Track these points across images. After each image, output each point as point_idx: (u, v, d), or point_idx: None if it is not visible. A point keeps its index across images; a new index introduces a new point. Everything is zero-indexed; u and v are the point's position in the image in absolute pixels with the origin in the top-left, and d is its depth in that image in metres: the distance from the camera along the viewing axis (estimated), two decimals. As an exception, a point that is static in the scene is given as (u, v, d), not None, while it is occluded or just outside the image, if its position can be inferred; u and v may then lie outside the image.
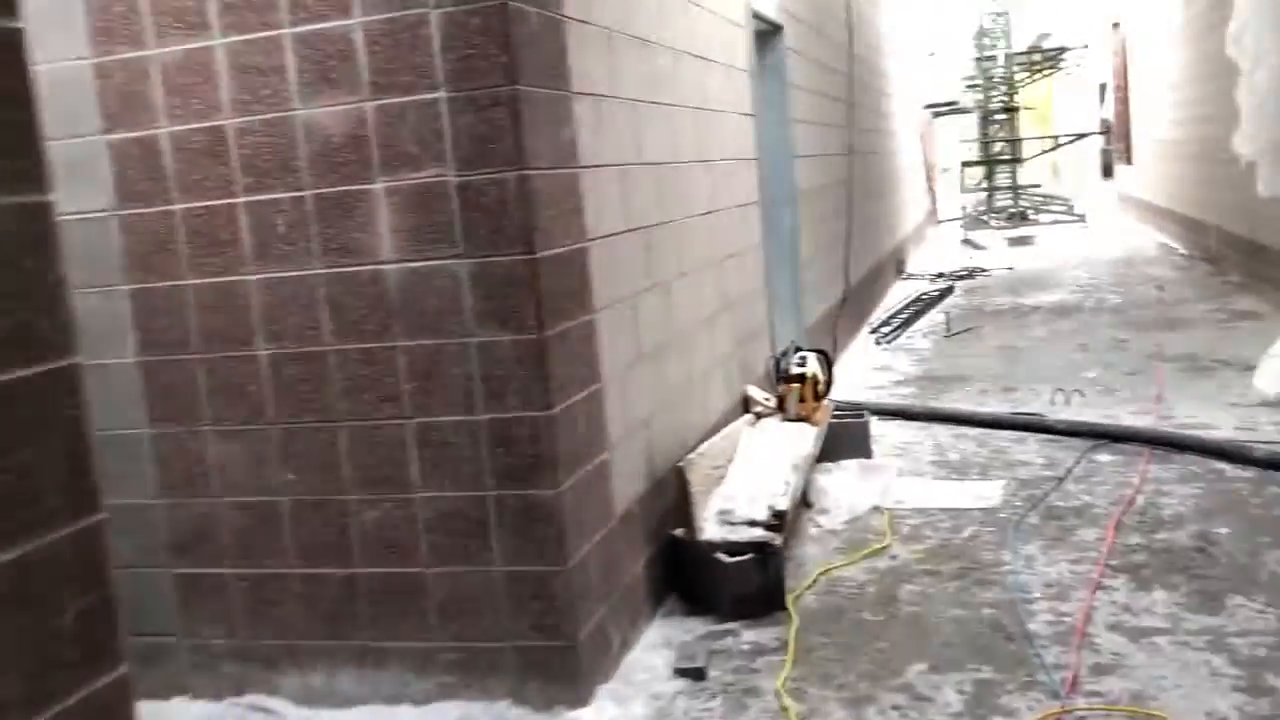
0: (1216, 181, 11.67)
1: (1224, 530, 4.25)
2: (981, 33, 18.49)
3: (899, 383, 7.58)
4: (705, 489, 4.06)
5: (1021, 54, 19.02)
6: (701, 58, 4.98)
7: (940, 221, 17.28)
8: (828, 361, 5.72)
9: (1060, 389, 6.65)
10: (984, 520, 4.61)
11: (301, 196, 3.23)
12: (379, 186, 3.16)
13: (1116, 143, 22.16)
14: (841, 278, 8.60)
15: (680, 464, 4.02)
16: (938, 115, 22.11)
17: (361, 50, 3.11)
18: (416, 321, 3.19)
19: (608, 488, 3.55)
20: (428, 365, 3.20)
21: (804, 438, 5.02)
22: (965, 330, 9.42)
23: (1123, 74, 21.01)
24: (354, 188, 3.18)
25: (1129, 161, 20.30)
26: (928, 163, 21.36)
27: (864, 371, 8.06)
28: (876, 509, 4.84)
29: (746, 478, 4.28)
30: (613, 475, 3.59)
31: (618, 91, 3.89)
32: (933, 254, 16.06)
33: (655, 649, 3.65)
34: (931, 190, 21.13)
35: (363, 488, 3.31)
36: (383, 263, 3.19)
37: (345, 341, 3.27)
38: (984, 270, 13.56)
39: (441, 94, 3.07)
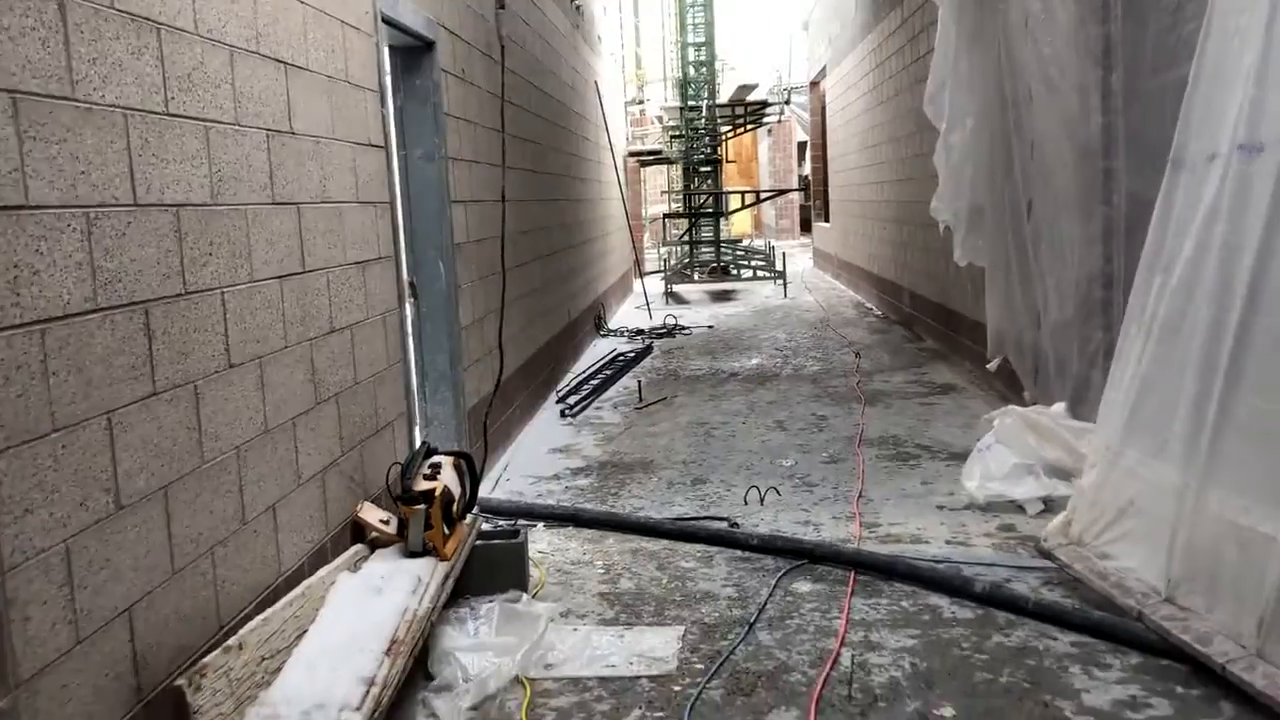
0: (910, 244, 11.48)
1: (948, 713, 3.29)
2: (685, 81, 18.12)
3: (578, 471, 6.45)
4: (234, 707, 2.66)
5: (724, 106, 18.82)
6: (283, 62, 3.63)
7: (644, 274, 16.66)
8: (470, 469, 4.45)
9: (755, 486, 5.72)
10: (653, 698, 3.46)
11: None
12: None
13: (814, 199, 22.53)
14: (524, 343, 7.42)
15: (182, 681, 2.58)
16: (643, 164, 21.66)
17: None
18: None
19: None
20: None
21: (424, 582, 3.71)
22: (659, 401, 8.47)
23: (820, 131, 21.37)
24: None
25: (825, 219, 20.57)
26: (633, 212, 20.82)
27: (543, 455, 6.89)
28: (518, 680, 3.60)
29: (310, 673, 2.91)
30: (30, 728, 2.14)
31: (86, 94, 2.47)
32: (634, 308, 15.30)
33: None
34: (636, 241, 20.58)
35: None
36: None
37: None
38: (684, 328, 12.85)
39: None
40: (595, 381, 9.23)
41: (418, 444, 4.89)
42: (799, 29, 22.99)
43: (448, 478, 4.18)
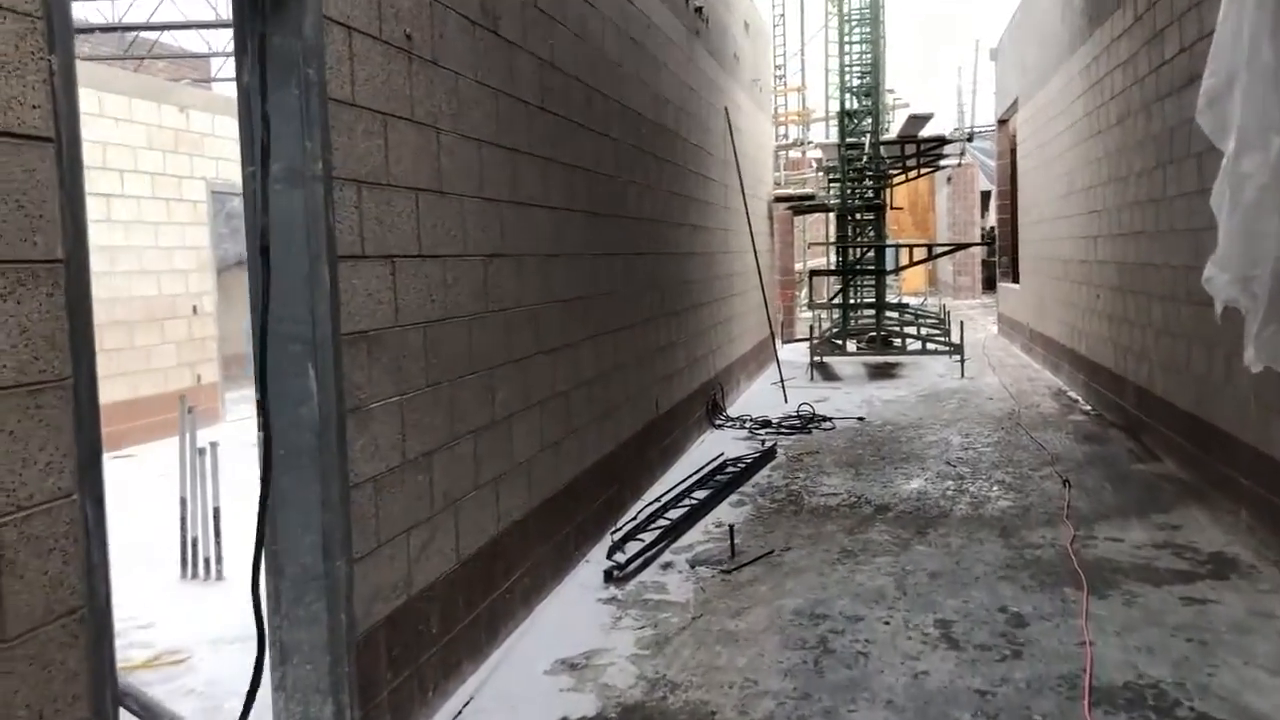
0: (1141, 323, 8.27)
1: None
2: (844, 113, 15.25)
3: (579, 729, 3.68)
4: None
5: (892, 142, 15.84)
6: None
7: (787, 341, 13.83)
8: None
9: None
10: None
11: None
12: None
13: (1000, 255, 19.19)
14: (551, 467, 4.71)
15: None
16: (797, 211, 18.81)
17: None
18: None
19: None
20: None
21: None
22: (759, 559, 5.61)
23: (1009, 175, 18.07)
24: None
25: (1014, 279, 17.22)
26: (783, 268, 17.96)
27: (535, 680, 4.14)
28: None
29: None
30: None
31: None
32: (771, 384, 12.42)
33: None
34: (783, 302, 17.69)
35: None
36: None
37: None
38: (824, 420, 9.90)
39: None
40: (674, 514, 6.43)
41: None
42: (985, 59, 19.79)
43: None
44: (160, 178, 10.47)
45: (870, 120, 15.38)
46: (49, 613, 2.09)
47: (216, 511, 5.67)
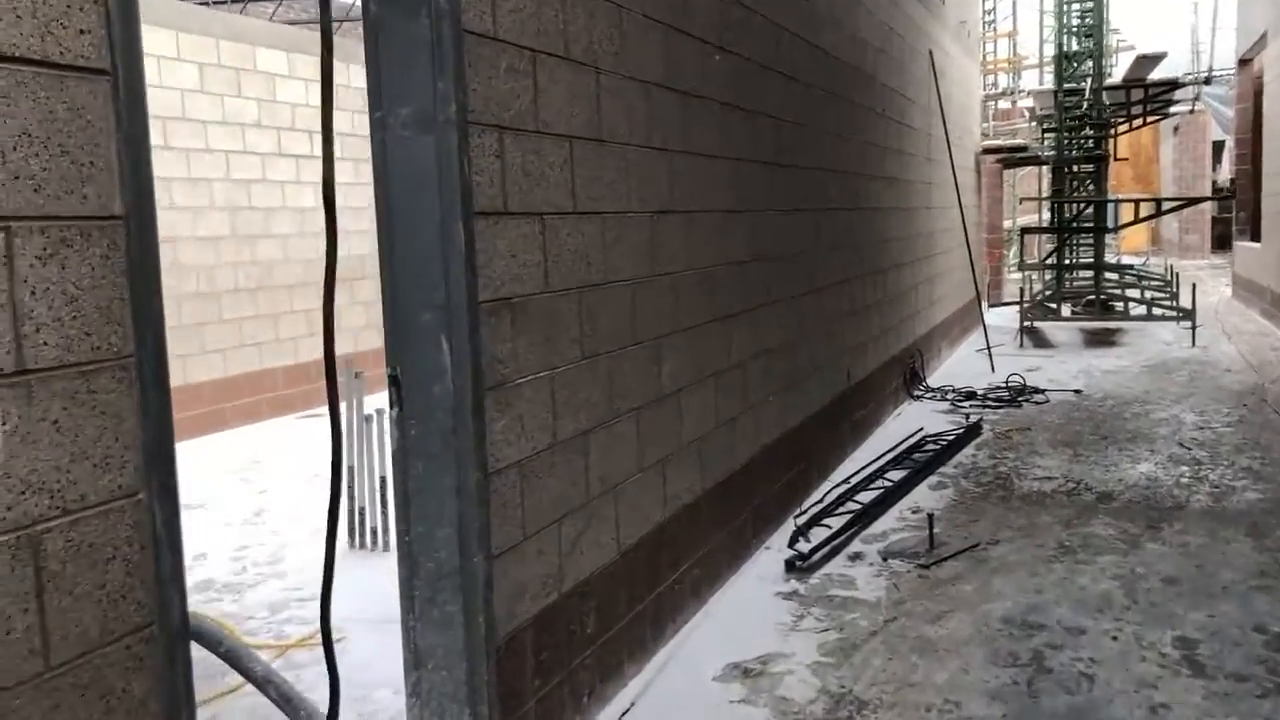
0: None
1: None
2: (1061, 55, 13.93)
3: (748, 753, 3.22)
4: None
5: (1116, 88, 14.41)
6: None
7: (993, 305, 12.81)
8: None
9: None
10: None
11: None
12: None
13: (1238, 210, 17.37)
14: (724, 446, 4.25)
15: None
16: (1006, 165, 17.54)
17: None
18: None
19: None
20: None
21: None
22: (962, 552, 4.99)
23: (1251, 122, 16.27)
24: None
25: (1254, 237, 15.53)
26: (990, 225, 16.81)
27: (703, 688, 3.71)
28: None
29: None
30: None
31: None
32: (975, 352, 11.54)
33: None
34: (989, 262, 16.55)
35: None
36: None
37: None
38: (1037, 392, 9.03)
39: None
40: (865, 497, 5.85)
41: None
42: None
43: None
44: (349, 139, 10.50)
45: (1091, 63, 14.03)
46: (107, 633, 1.78)
47: (383, 480, 5.48)
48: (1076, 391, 9.15)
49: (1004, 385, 9.29)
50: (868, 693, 3.61)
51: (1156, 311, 12.91)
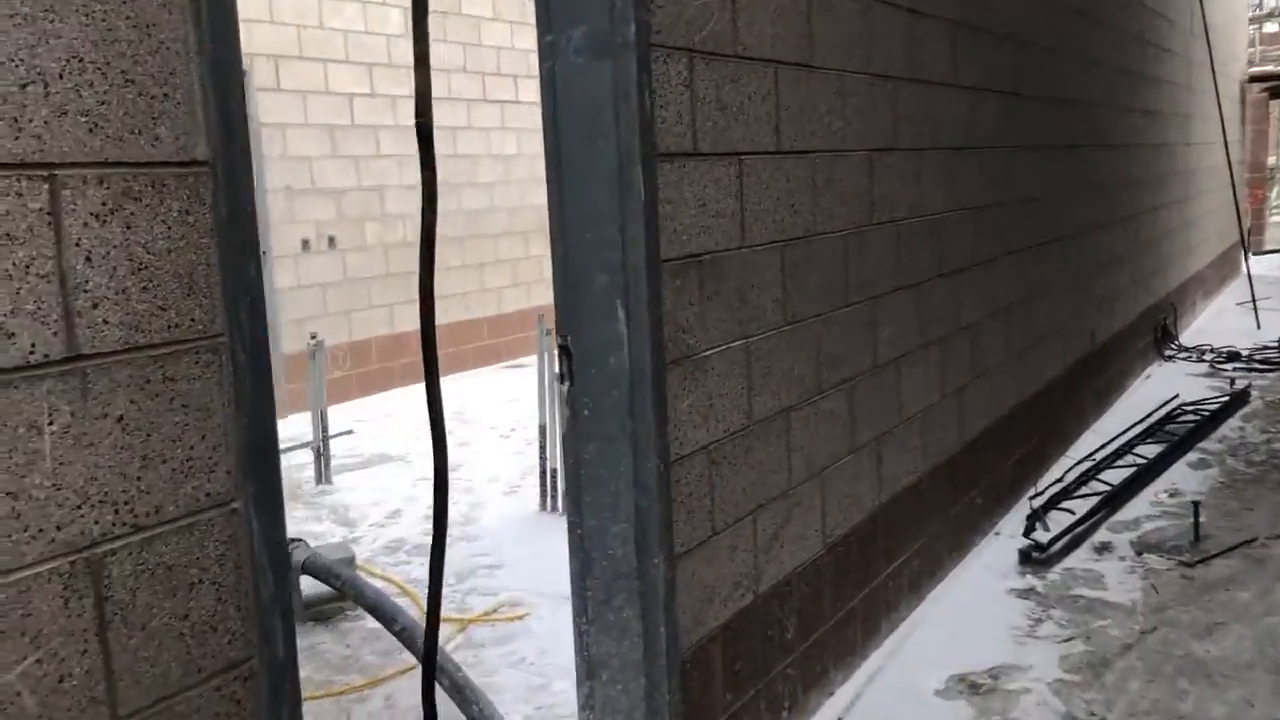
0: None
1: None
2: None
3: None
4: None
5: None
6: None
7: (1256, 253, 11.35)
8: None
9: None
10: None
11: None
12: None
13: None
14: (952, 419, 3.70)
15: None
16: (1274, 95, 15.60)
17: None
18: None
19: None
20: None
21: None
22: (1235, 548, 4.24)
23: None
24: None
25: None
26: (1252, 163, 15.05)
27: (922, 702, 3.21)
28: None
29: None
30: None
31: None
32: (1235, 305, 10.28)
33: None
34: (1252, 204, 14.83)
35: None
36: None
37: None
38: (1315, 354, 7.87)
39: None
40: (1111, 477, 5.12)
41: None
42: None
43: None
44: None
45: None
46: (193, 671, 1.47)
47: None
48: (1365, 353, 7.93)
49: (1274, 345, 8.15)
50: (1122, 724, 3.02)
51: None
